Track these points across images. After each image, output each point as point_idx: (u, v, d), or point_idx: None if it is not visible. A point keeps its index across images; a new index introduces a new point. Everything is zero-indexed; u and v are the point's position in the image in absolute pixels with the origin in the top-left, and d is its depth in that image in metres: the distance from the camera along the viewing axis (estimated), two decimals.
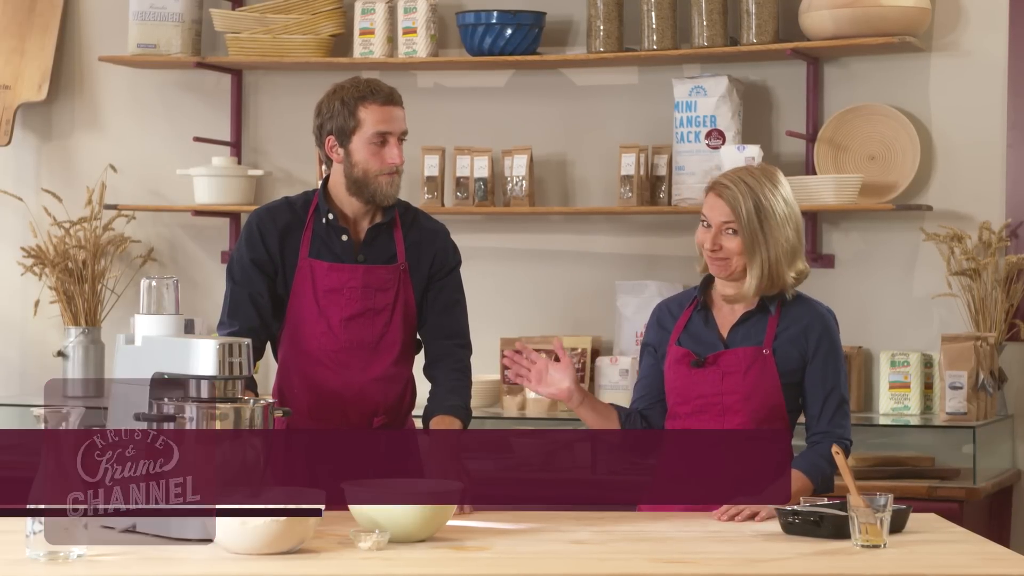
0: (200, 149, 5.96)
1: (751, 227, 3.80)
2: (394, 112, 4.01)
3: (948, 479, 5.00)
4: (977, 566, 3.21)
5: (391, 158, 3.99)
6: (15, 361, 6.19)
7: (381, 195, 4.01)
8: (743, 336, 3.88)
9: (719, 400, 3.85)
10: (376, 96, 4.00)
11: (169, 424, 3.35)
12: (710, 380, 3.86)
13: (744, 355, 3.86)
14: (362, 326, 4.04)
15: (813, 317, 3.89)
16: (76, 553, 3.08)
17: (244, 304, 4.03)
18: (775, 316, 3.88)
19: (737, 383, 3.84)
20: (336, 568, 3.09)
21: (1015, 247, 5.30)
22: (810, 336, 3.88)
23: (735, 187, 3.82)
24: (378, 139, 3.99)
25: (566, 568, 3.16)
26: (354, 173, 4.01)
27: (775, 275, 3.83)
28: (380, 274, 4.06)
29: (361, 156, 4.00)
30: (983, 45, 5.36)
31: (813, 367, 3.88)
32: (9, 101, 6.03)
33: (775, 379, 3.85)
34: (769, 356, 3.85)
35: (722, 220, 3.83)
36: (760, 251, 3.81)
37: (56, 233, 5.94)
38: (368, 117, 3.99)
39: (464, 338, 4.16)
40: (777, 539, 3.44)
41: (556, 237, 5.77)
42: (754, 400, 3.84)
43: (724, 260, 3.84)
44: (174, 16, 5.85)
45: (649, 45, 5.47)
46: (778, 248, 3.81)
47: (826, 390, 3.87)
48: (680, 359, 3.89)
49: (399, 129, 4.02)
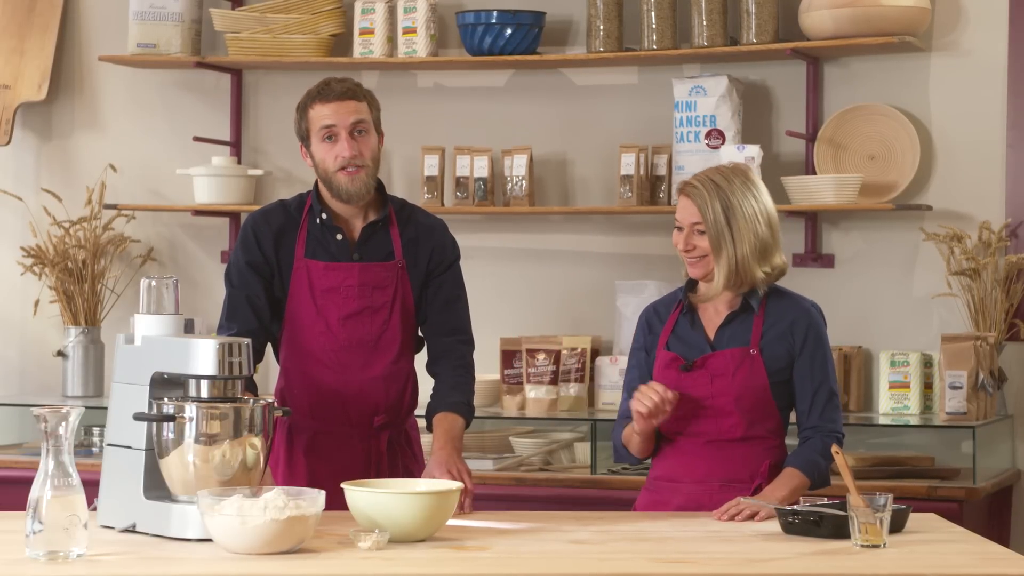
0: (200, 149, 5.96)
1: (718, 226, 3.83)
2: (340, 106, 3.98)
3: (948, 479, 5.00)
4: (977, 566, 3.21)
5: (339, 151, 3.98)
6: (15, 361, 6.19)
7: (344, 192, 4.01)
8: (729, 337, 3.89)
9: (711, 403, 3.86)
10: (323, 95, 4.00)
11: (169, 424, 3.36)
12: (700, 383, 3.87)
13: (732, 356, 3.87)
14: (361, 324, 4.05)
15: (798, 313, 3.91)
16: (76, 553, 3.08)
17: (242, 306, 4.04)
18: (759, 315, 3.89)
19: (727, 385, 3.85)
20: (336, 568, 3.09)
21: (1015, 247, 5.30)
22: (796, 332, 3.89)
23: (703, 187, 3.86)
24: (326, 134, 3.99)
25: (566, 568, 3.16)
26: (320, 173, 4.04)
27: (743, 272, 3.85)
28: (377, 272, 4.06)
29: (319, 155, 4.02)
30: (983, 45, 5.36)
31: (801, 363, 3.89)
32: (9, 101, 6.03)
33: (764, 378, 3.86)
34: (757, 356, 3.86)
35: (691, 221, 3.88)
36: (727, 249, 3.83)
37: (56, 233, 5.94)
38: (315, 115, 4.00)
39: (466, 334, 4.15)
40: (777, 539, 3.44)
41: (556, 237, 5.77)
42: (745, 400, 3.85)
43: (699, 260, 3.88)
44: (174, 16, 5.85)
45: (649, 45, 5.47)
46: (745, 246, 3.83)
47: (815, 385, 3.89)
48: (669, 363, 3.91)
49: (346, 122, 3.98)
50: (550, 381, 5.45)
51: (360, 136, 4.00)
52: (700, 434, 3.88)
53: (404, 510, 3.31)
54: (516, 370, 5.53)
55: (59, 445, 3.08)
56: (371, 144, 4.02)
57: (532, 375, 5.47)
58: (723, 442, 3.86)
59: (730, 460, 3.86)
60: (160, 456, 3.39)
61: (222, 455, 3.37)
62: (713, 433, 3.87)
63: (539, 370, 5.46)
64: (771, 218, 3.89)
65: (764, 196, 3.90)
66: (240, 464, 3.38)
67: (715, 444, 3.87)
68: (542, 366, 5.46)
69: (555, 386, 5.46)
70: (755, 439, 3.87)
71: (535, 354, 5.47)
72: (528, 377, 5.48)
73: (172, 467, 3.38)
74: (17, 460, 5.46)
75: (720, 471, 3.87)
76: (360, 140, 4.00)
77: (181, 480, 3.38)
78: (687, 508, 3.84)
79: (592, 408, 5.45)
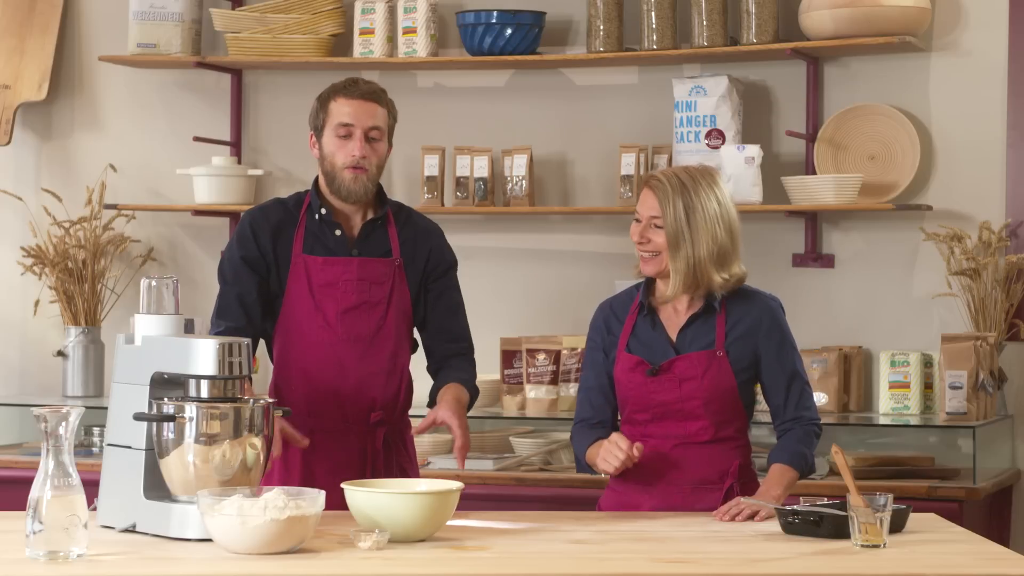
0: (200, 149, 5.96)
1: (677, 224, 3.80)
2: (363, 106, 4.02)
3: (948, 479, 5.00)
4: (977, 566, 3.21)
5: (351, 150, 4.00)
6: (15, 361, 6.19)
7: (345, 190, 4.04)
8: (692, 339, 3.87)
9: (680, 407, 3.84)
10: (349, 91, 4.04)
11: (169, 424, 3.35)
12: (667, 388, 3.85)
13: (698, 359, 3.85)
14: (358, 319, 4.06)
15: (760, 311, 3.89)
16: (76, 553, 3.08)
17: (232, 304, 4.06)
18: (722, 315, 3.87)
19: (695, 388, 3.84)
20: (336, 568, 3.09)
21: (1015, 247, 5.30)
22: (760, 330, 3.88)
23: (667, 183, 3.83)
24: (343, 131, 4.02)
25: (566, 568, 3.16)
26: (325, 166, 4.06)
27: (699, 275, 3.82)
28: (375, 267, 4.07)
29: (329, 149, 4.04)
30: (983, 45, 5.36)
31: (769, 359, 3.88)
32: (9, 101, 6.03)
33: (732, 379, 3.85)
34: (723, 357, 3.85)
35: (650, 215, 3.84)
36: (684, 248, 3.80)
37: (56, 233, 5.94)
38: (335, 109, 4.03)
39: (469, 340, 4.22)
40: (777, 539, 3.44)
41: (556, 237, 5.77)
42: (714, 403, 3.84)
43: (652, 256, 3.85)
44: (174, 16, 5.85)
45: (649, 45, 5.47)
46: (702, 249, 3.80)
47: (787, 378, 3.88)
48: (634, 367, 3.88)
49: (364, 124, 4.01)
50: (550, 381, 5.45)
51: (373, 141, 4.03)
52: (669, 437, 3.86)
53: (404, 510, 3.31)
54: (516, 370, 5.53)
55: (59, 445, 3.08)
56: (380, 151, 4.06)
57: (532, 375, 5.47)
58: (692, 444, 3.85)
59: (700, 462, 3.85)
60: (160, 456, 3.39)
61: (222, 455, 3.37)
62: (682, 436, 3.85)
63: (539, 370, 5.46)
64: (732, 224, 3.85)
65: (728, 202, 3.85)
66: (240, 464, 3.38)
67: (684, 446, 3.85)
68: (542, 366, 5.46)
69: (555, 386, 5.46)
70: (723, 440, 3.86)
71: (535, 354, 5.47)
72: (528, 377, 5.48)
73: (172, 467, 3.38)
74: (17, 460, 5.46)
75: (691, 473, 3.85)
76: (372, 145, 4.03)
77: (181, 480, 3.37)
78: (659, 510, 3.83)
79: None
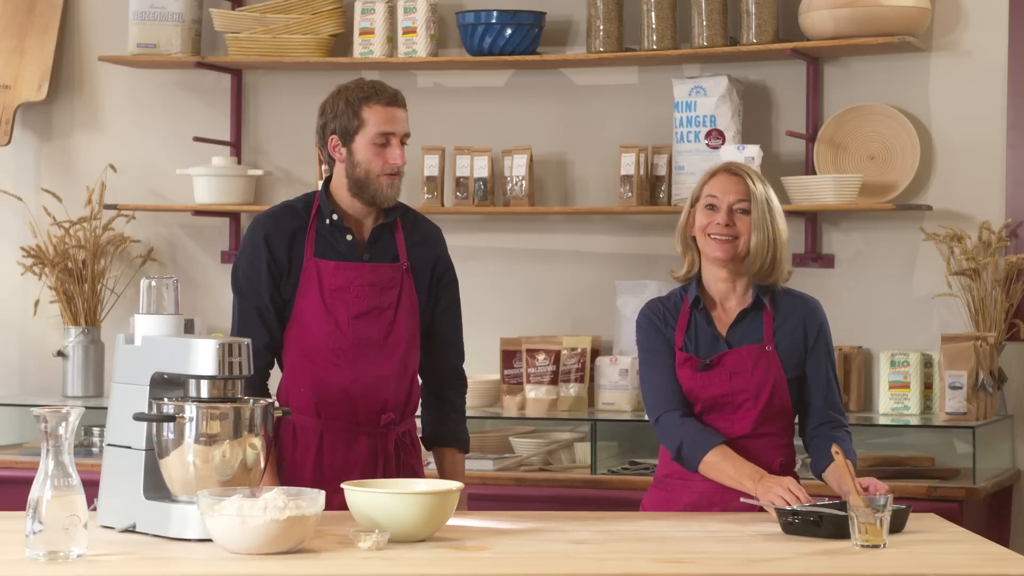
0: (200, 149, 5.96)
1: (763, 208, 3.86)
2: (397, 113, 4.04)
3: (948, 479, 5.00)
4: (977, 566, 3.21)
5: (393, 159, 4.02)
6: (15, 361, 6.19)
7: (381, 196, 4.04)
8: (742, 334, 3.91)
9: (730, 399, 3.87)
10: (380, 97, 4.03)
11: (169, 424, 3.36)
12: (718, 381, 3.88)
13: (748, 353, 3.88)
14: (369, 323, 4.06)
15: (808, 309, 3.95)
16: (76, 553, 3.08)
17: (253, 321, 4.05)
18: (769, 311, 3.91)
19: (746, 381, 3.86)
20: (336, 568, 3.09)
21: (1015, 247, 5.30)
22: (809, 327, 3.93)
23: (749, 170, 3.90)
24: (381, 139, 4.02)
25: (566, 568, 3.16)
26: (356, 173, 4.04)
27: (776, 259, 3.88)
28: (385, 272, 4.09)
29: (363, 156, 4.02)
30: (983, 45, 5.36)
31: (815, 357, 3.93)
32: (9, 101, 6.03)
33: (780, 373, 3.88)
34: (772, 352, 3.88)
35: (736, 198, 3.87)
36: (768, 231, 3.85)
37: (56, 233, 5.94)
38: (372, 117, 4.02)
39: (461, 347, 4.27)
40: (777, 539, 3.44)
41: (556, 237, 5.77)
42: (763, 397, 3.86)
43: (730, 240, 3.87)
44: (174, 16, 5.85)
45: (649, 45, 5.47)
46: (783, 234, 3.89)
47: (827, 378, 3.94)
48: (685, 362, 3.91)
49: (402, 130, 4.05)
50: (550, 381, 5.45)
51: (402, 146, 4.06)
52: None
53: (404, 510, 3.31)
54: (516, 370, 5.53)
55: (59, 445, 3.08)
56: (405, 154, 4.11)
57: (532, 375, 5.47)
58: (736, 439, 3.86)
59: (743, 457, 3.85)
60: (160, 456, 3.39)
61: (222, 455, 3.37)
62: (727, 430, 3.87)
63: (539, 370, 5.46)
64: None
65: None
66: (240, 464, 3.38)
67: (729, 442, 3.86)
68: (542, 366, 5.46)
69: (555, 386, 5.46)
70: (767, 436, 3.88)
71: (535, 354, 5.47)
72: (528, 377, 5.48)
73: (172, 467, 3.38)
74: (17, 460, 5.46)
75: None
76: (403, 149, 4.06)
77: (181, 480, 3.37)
78: (697, 505, 3.84)
79: (592, 408, 5.45)
